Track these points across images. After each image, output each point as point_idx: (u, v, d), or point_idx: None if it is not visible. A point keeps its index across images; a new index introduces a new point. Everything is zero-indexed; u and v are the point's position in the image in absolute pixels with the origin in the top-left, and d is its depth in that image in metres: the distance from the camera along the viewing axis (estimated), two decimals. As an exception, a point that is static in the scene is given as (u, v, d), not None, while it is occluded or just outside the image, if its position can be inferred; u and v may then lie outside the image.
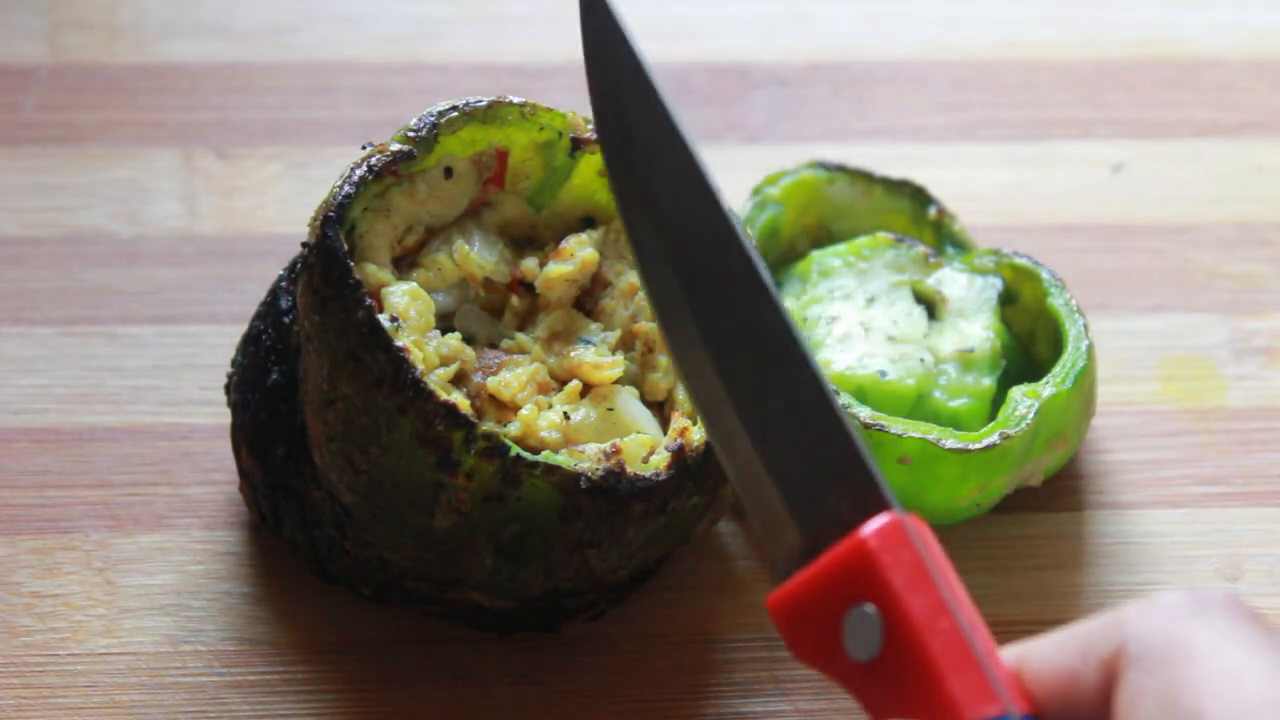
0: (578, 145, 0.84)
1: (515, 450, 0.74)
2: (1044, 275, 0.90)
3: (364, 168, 0.79)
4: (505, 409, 0.79)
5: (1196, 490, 0.91)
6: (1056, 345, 0.89)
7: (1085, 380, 0.87)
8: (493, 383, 0.79)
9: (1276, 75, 1.13)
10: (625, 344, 0.82)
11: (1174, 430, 0.93)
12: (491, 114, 0.82)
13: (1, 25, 1.11)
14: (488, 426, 0.75)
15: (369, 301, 0.75)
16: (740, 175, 0.98)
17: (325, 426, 0.77)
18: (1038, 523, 0.89)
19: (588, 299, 0.84)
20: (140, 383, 0.92)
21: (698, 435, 0.78)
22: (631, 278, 0.83)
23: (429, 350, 0.78)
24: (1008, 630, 0.85)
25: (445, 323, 0.81)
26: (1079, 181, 1.06)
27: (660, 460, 0.77)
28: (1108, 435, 0.93)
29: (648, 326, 0.82)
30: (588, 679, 0.82)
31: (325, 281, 0.76)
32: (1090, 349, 0.87)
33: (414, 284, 0.79)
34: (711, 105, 1.09)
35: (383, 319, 0.76)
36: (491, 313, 0.83)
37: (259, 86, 1.09)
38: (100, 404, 0.91)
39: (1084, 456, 0.92)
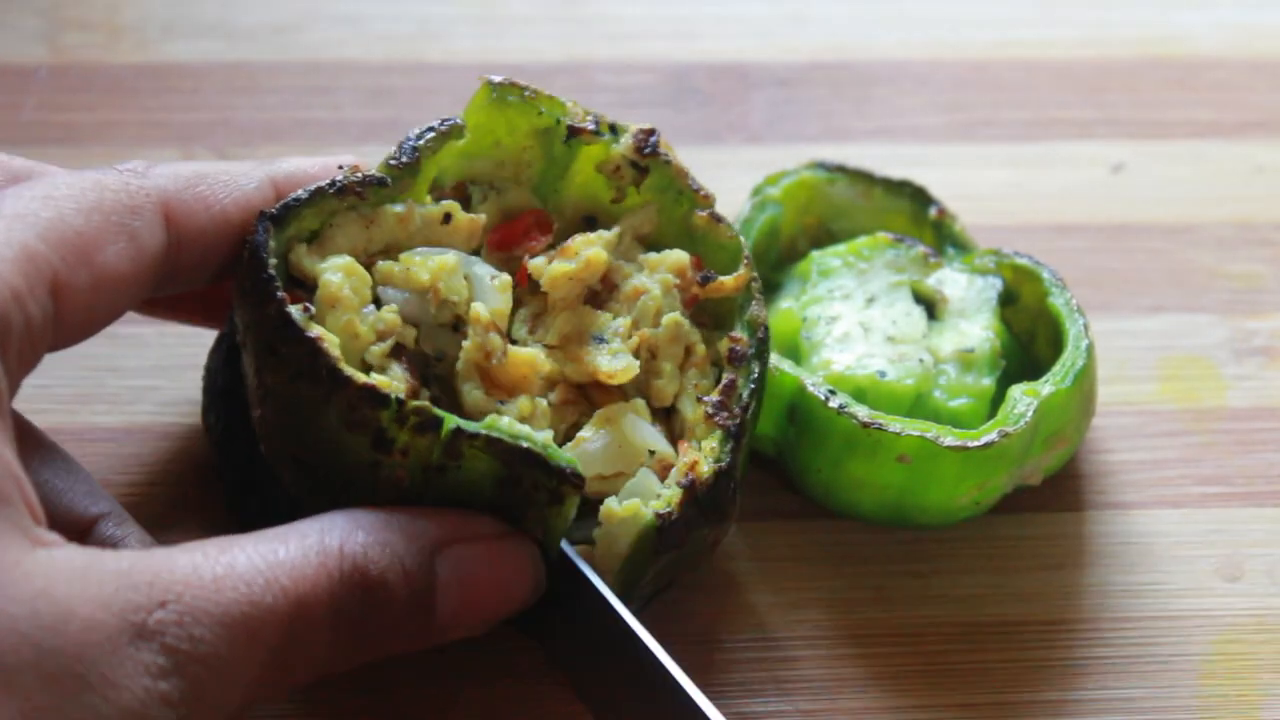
0: (574, 133, 0.84)
1: (453, 422, 0.73)
2: (1044, 275, 0.90)
3: (328, 181, 0.79)
4: (499, 388, 0.79)
5: (1196, 490, 0.91)
6: (1056, 345, 0.89)
7: (1085, 380, 0.87)
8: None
9: (1276, 75, 1.13)
10: (630, 349, 0.82)
11: (1174, 430, 0.94)
12: (497, 97, 0.83)
13: (2, 25, 1.11)
14: (418, 402, 0.74)
15: (280, 294, 0.75)
16: (740, 175, 0.98)
17: (263, 422, 0.77)
18: (1038, 523, 0.89)
19: (594, 299, 0.84)
20: (140, 383, 0.92)
21: (707, 467, 0.78)
22: (637, 282, 0.82)
23: (363, 327, 0.77)
24: (1008, 630, 0.85)
25: (408, 338, 0.80)
26: (1079, 181, 1.06)
27: (673, 496, 0.77)
28: (1108, 435, 0.93)
29: (651, 332, 0.81)
30: (588, 679, 0.82)
31: (246, 275, 0.76)
32: (1090, 349, 0.87)
33: (348, 259, 0.79)
34: (711, 105, 1.09)
35: (295, 310, 0.75)
36: (453, 328, 0.82)
37: (259, 86, 1.09)
38: (100, 404, 0.91)
39: (1084, 456, 0.92)
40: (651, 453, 0.79)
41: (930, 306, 0.90)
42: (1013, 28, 1.16)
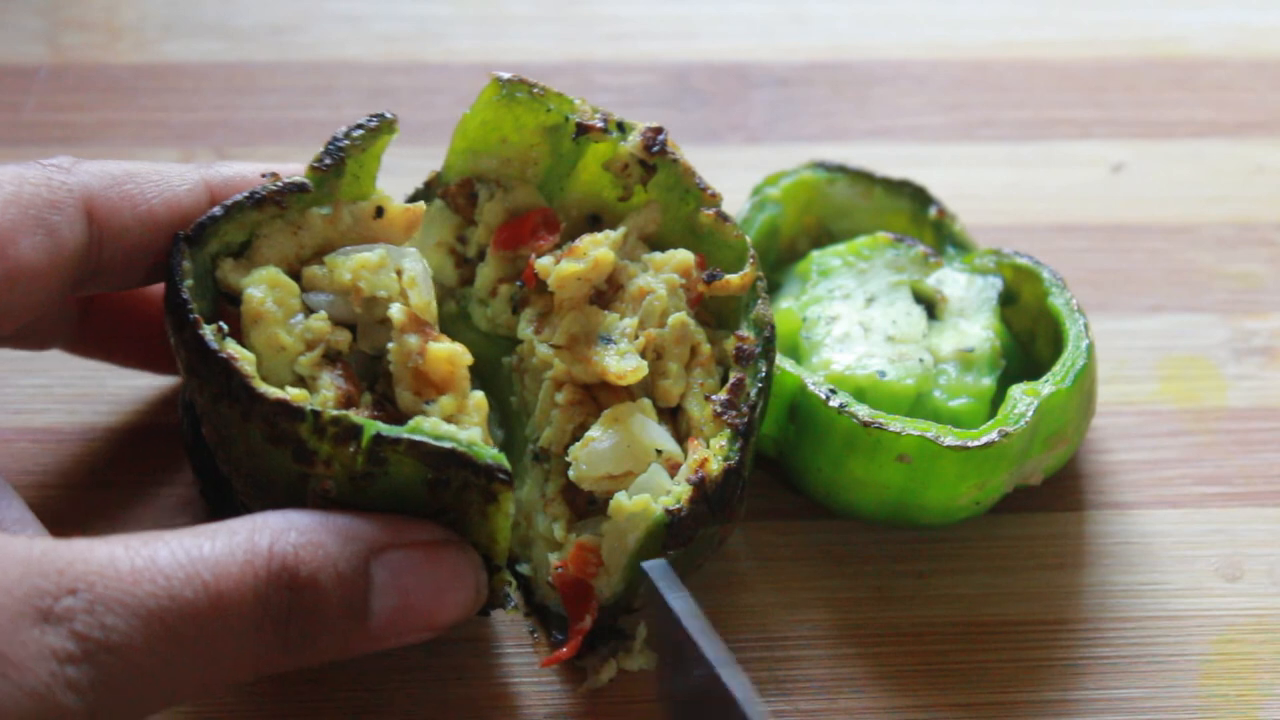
0: (583, 131, 0.84)
1: (373, 429, 0.73)
2: (1044, 275, 0.90)
3: (245, 194, 0.79)
4: (430, 385, 0.78)
5: (1196, 490, 0.91)
6: (1056, 345, 0.89)
7: (1085, 379, 0.87)
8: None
9: (1276, 75, 1.13)
10: (637, 349, 0.82)
11: (1174, 430, 0.93)
12: (506, 94, 0.83)
13: (2, 25, 1.11)
14: (335, 412, 0.73)
15: (193, 316, 0.75)
16: (740, 175, 0.98)
17: (210, 438, 0.77)
18: (1038, 523, 0.89)
19: (599, 299, 0.84)
20: (140, 383, 0.92)
21: (716, 465, 0.78)
22: (642, 281, 0.82)
23: (288, 338, 0.77)
24: (1008, 630, 0.85)
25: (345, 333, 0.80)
26: (1079, 181, 1.06)
27: (682, 493, 0.77)
28: (1108, 435, 0.93)
29: (657, 333, 0.81)
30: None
31: (167, 297, 0.77)
32: (1090, 348, 0.87)
33: (271, 270, 0.78)
34: (711, 105, 1.09)
35: (208, 330, 0.75)
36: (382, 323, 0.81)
37: (259, 86, 1.09)
38: (100, 404, 0.91)
39: (1084, 456, 0.92)
40: (659, 452, 0.79)
41: (930, 306, 0.90)
42: (1013, 28, 1.16)
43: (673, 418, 0.81)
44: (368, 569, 0.71)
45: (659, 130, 0.84)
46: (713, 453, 0.78)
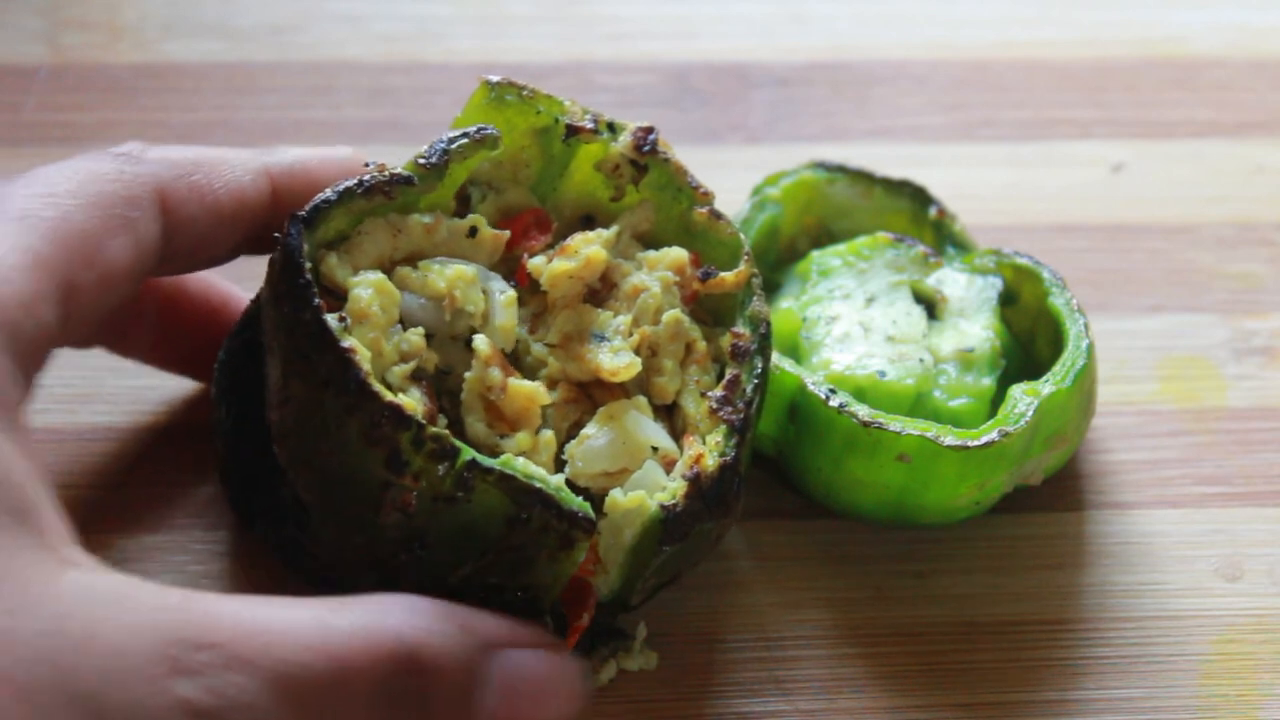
0: (572, 132, 0.84)
1: (469, 454, 0.73)
2: (1044, 275, 0.90)
3: (356, 181, 0.79)
4: (502, 420, 0.79)
5: (1196, 490, 0.91)
6: (1056, 345, 0.89)
7: (1085, 379, 0.87)
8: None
9: (1276, 75, 1.13)
10: (631, 346, 0.82)
11: (1174, 430, 0.94)
12: (495, 97, 0.83)
13: (2, 25, 1.11)
14: (436, 429, 0.73)
15: (317, 301, 0.74)
16: (740, 175, 0.98)
17: (281, 424, 0.77)
18: (1038, 523, 0.89)
19: (594, 298, 0.84)
20: (140, 383, 0.92)
21: (711, 460, 0.78)
22: (636, 280, 0.82)
23: (388, 346, 0.77)
24: (1007, 630, 0.85)
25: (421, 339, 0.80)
26: (1079, 181, 1.06)
27: (678, 489, 0.78)
28: (1108, 435, 0.93)
29: (651, 330, 0.81)
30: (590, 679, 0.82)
31: (281, 278, 0.76)
32: (1090, 348, 0.87)
33: (380, 276, 0.78)
34: (711, 105, 1.09)
35: (331, 319, 0.75)
36: (465, 344, 0.81)
37: (259, 86, 1.09)
38: (100, 404, 0.91)
39: (1084, 456, 0.92)
40: (654, 449, 0.79)
41: (930, 306, 0.90)
42: (1013, 28, 1.16)
43: (668, 415, 0.81)
44: (485, 662, 0.70)
45: (649, 130, 0.84)
46: (708, 449, 0.78)
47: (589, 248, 0.82)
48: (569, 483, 0.80)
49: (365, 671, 0.66)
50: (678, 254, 0.83)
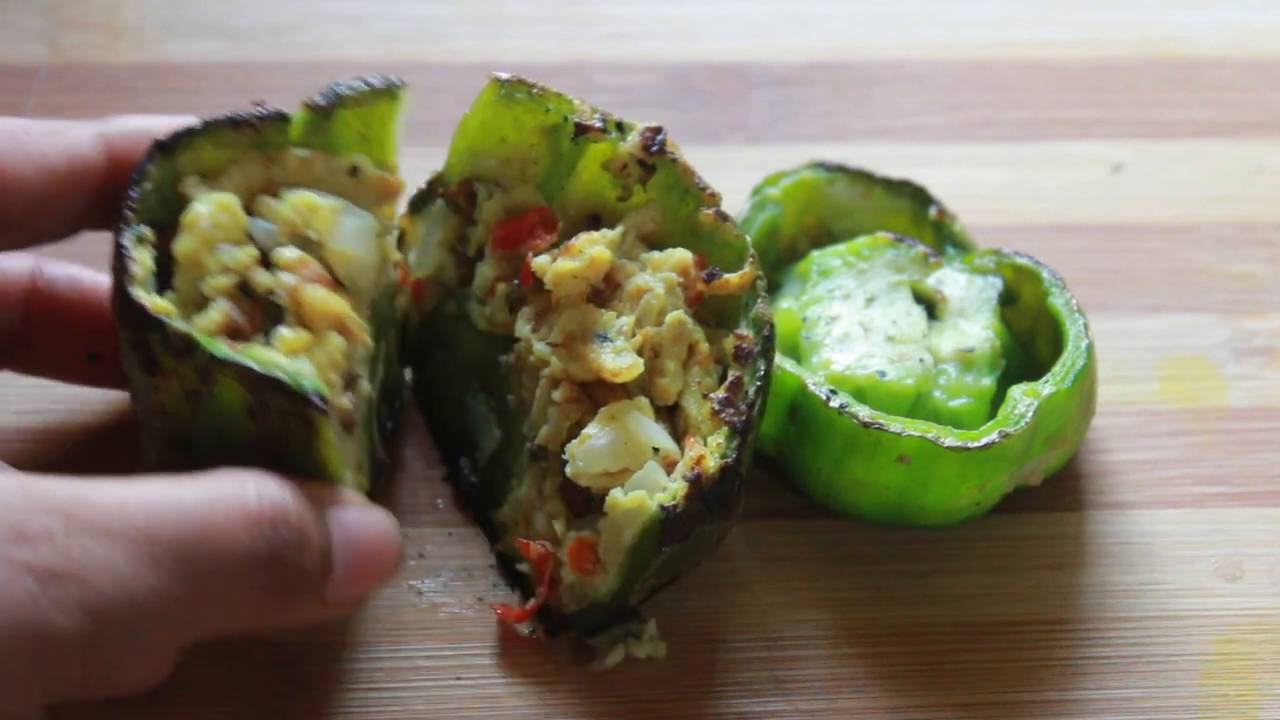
0: (581, 131, 0.84)
1: (211, 347, 0.73)
2: (1044, 275, 0.90)
3: (226, 113, 0.80)
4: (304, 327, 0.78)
5: (1196, 490, 0.91)
6: (1056, 345, 0.89)
7: (1085, 379, 0.87)
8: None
9: (1276, 75, 1.13)
10: (634, 347, 0.82)
11: (1174, 430, 0.94)
12: (505, 94, 0.83)
13: (2, 25, 1.11)
14: (179, 327, 0.73)
15: (128, 213, 0.76)
16: (740, 175, 0.98)
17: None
18: (1038, 523, 0.89)
19: (598, 298, 0.84)
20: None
21: (713, 462, 0.78)
22: (640, 280, 0.82)
23: (209, 259, 0.77)
24: (1007, 630, 0.85)
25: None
26: (1079, 181, 1.06)
27: (678, 490, 0.78)
28: (1108, 435, 0.93)
29: (654, 331, 0.81)
30: (590, 680, 0.82)
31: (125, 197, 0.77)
32: (1090, 348, 0.87)
33: (225, 195, 0.78)
34: (711, 105, 1.09)
35: (128, 232, 0.75)
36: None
37: (259, 86, 1.09)
38: (100, 404, 0.91)
39: (1084, 456, 0.92)
40: (656, 450, 0.79)
41: (930, 306, 0.90)
42: (1013, 28, 1.16)
43: (670, 416, 0.81)
44: (328, 522, 0.72)
45: (658, 130, 0.84)
46: (710, 450, 0.78)
47: (593, 248, 0.82)
48: (569, 482, 0.80)
49: (232, 530, 0.68)
50: (682, 255, 0.83)
